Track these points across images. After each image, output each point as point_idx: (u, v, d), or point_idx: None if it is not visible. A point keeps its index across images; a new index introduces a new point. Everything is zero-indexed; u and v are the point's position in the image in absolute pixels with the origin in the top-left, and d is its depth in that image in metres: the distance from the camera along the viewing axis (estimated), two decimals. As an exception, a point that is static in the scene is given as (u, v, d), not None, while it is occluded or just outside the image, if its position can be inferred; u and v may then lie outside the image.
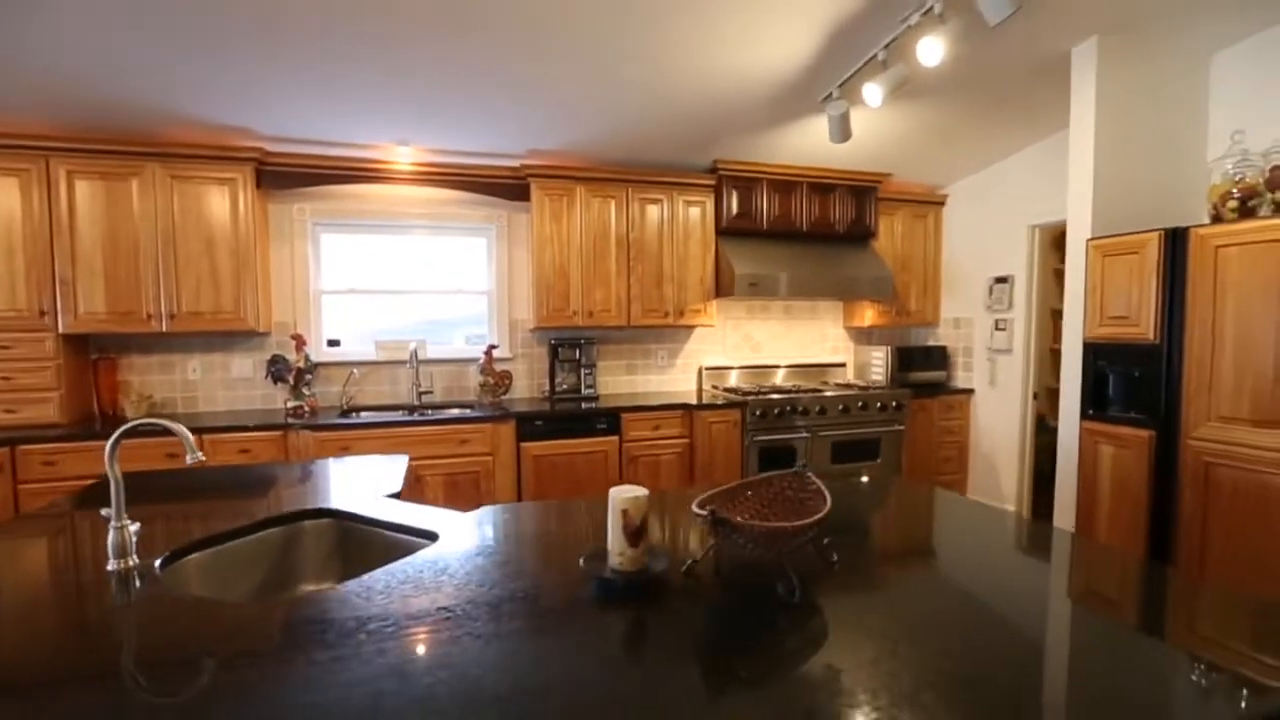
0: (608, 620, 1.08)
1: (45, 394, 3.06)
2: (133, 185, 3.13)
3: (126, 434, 1.35)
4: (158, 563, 1.34)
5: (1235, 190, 2.53)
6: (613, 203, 3.92)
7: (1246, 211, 2.52)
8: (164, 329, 3.20)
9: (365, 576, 1.25)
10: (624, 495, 1.18)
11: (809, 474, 1.39)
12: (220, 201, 3.25)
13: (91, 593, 1.19)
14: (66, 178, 3.04)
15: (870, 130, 3.60)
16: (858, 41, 2.75)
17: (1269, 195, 2.48)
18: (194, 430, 3.01)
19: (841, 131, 3.12)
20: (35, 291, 3.03)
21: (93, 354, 3.36)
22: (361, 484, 1.94)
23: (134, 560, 1.31)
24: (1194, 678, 0.92)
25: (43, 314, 3.05)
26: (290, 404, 3.43)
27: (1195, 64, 3.02)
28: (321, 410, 3.57)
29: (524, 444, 3.52)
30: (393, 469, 2.15)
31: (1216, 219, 2.61)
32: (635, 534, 1.18)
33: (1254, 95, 2.85)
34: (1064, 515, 2.96)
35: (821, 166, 4.19)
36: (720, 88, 3.09)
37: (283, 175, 3.45)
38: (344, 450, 3.18)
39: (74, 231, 3.07)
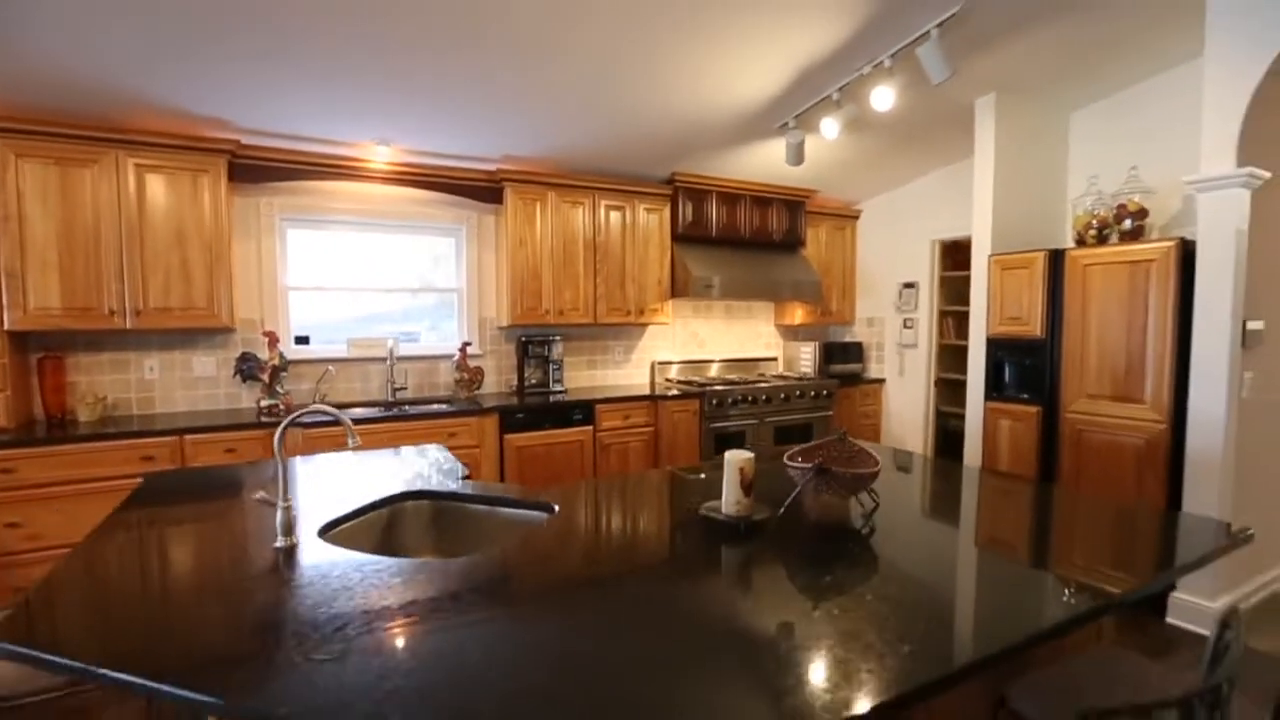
0: (735, 551, 1.41)
1: (-9, 396, 2.82)
2: (93, 173, 2.95)
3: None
4: (315, 536, 1.48)
5: (1094, 222, 3.30)
6: (580, 208, 4.18)
7: (1102, 239, 3.28)
8: (128, 326, 3.04)
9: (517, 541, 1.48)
10: (740, 456, 1.51)
11: (849, 438, 1.79)
12: (192, 194, 3.14)
13: (285, 564, 1.34)
14: (13, 162, 2.82)
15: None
16: (816, 82, 3.22)
17: (1116, 227, 3.25)
18: (176, 432, 2.94)
19: (797, 157, 3.60)
20: (-21, 285, 2.78)
21: (35, 352, 3.11)
22: (422, 471, 2.10)
23: (298, 537, 1.45)
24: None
25: (-13, 309, 2.81)
26: (264, 402, 3.37)
27: (1059, 119, 3.82)
28: (296, 408, 3.51)
29: (507, 435, 3.69)
30: (439, 457, 2.31)
31: (1080, 243, 3.37)
32: (748, 487, 1.52)
33: (1101, 148, 3.68)
34: (970, 479, 3.65)
35: (761, 181, 4.70)
36: (693, 113, 3.46)
37: (254, 169, 3.37)
38: (337, 447, 3.19)
39: (23, 220, 2.85)
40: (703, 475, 2.04)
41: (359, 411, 3.51)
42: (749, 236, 4.75)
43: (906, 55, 2.88)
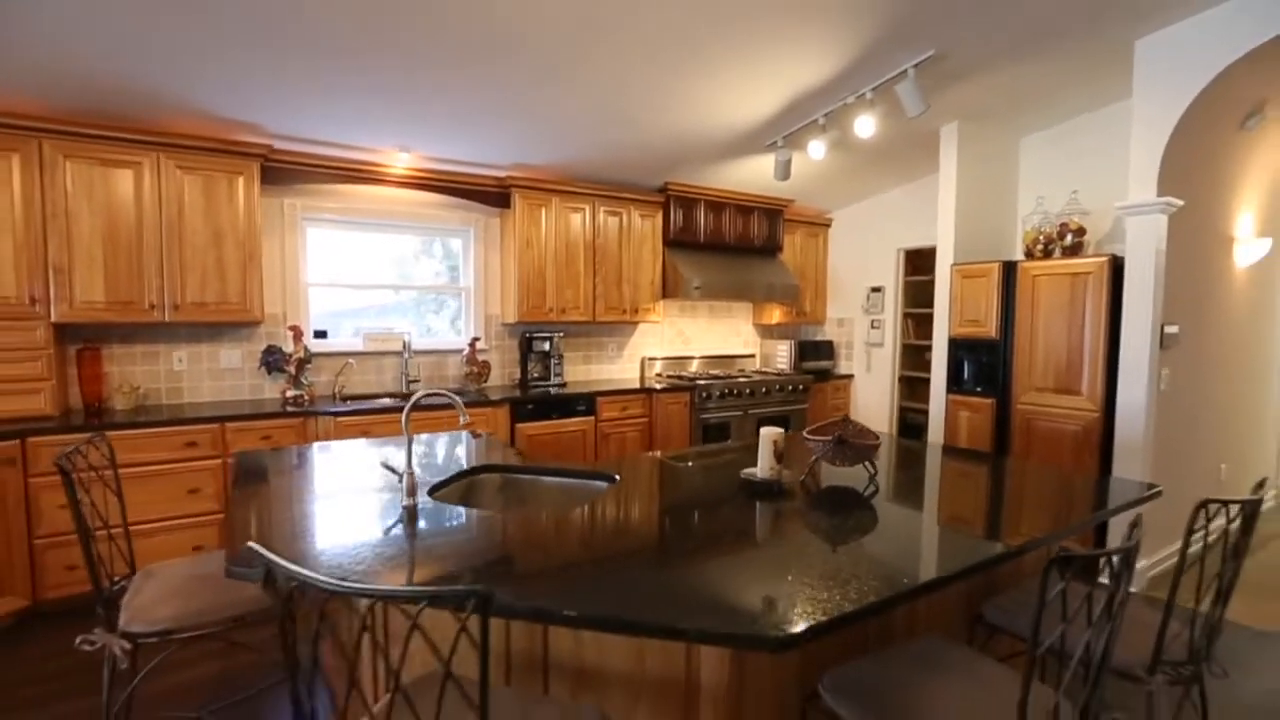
0: (770, 506, 1.76)
1: (36, 384, 2.95)
2: (136, 174, 3.10)
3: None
4: (427, 496, 1.77)
5: (1041, 237, 3.79)
6: (581, 213, 4.47)
7: (1047, 252, 3.78)
8: (166, 319, 3.20)
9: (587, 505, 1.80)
10: (774, 432, 1.87)
11: (852, 420, 2.17)
12: (227, 195, 3.31)
13: (412, 515, 1.62)
14: (61, 162, 2.95)
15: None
16: (805, 108, 3.61)
17: (1060, 242, 3.76)
18: (219, 420, 3.11)
19: (784, 173, 4.00)
20: (25, 279, 2.91)
21: (72, 343, 3.22)
22: (474, 451, 2.39)
23: (420, 498, 1.73)
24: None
25: (33, 302, 2.93)
26: (290, 393, 3.55)
27: (1012, 144, 4.33)
28: (318, 399, 3.71)
29: (518, 424, 3.97)
30: (475, 442, 2.60)
31: (1029, 255, 3.87)
32: (779, 456, 1.87)
33: (1047, 170, 4.19)
34: (933, 462, 4.12)
35: (745, 191, 5.08)
36: (690, 131, 3.80)
37: (282, 171, 3.55)
38: (364, 433, 3.42)
39: (69, 218, 2.98)
40: (690, 463, 2.31)
41: (386, 401, 3.72)
42: (733, 242, 5.13)
43: (886, 89, 3.29)
